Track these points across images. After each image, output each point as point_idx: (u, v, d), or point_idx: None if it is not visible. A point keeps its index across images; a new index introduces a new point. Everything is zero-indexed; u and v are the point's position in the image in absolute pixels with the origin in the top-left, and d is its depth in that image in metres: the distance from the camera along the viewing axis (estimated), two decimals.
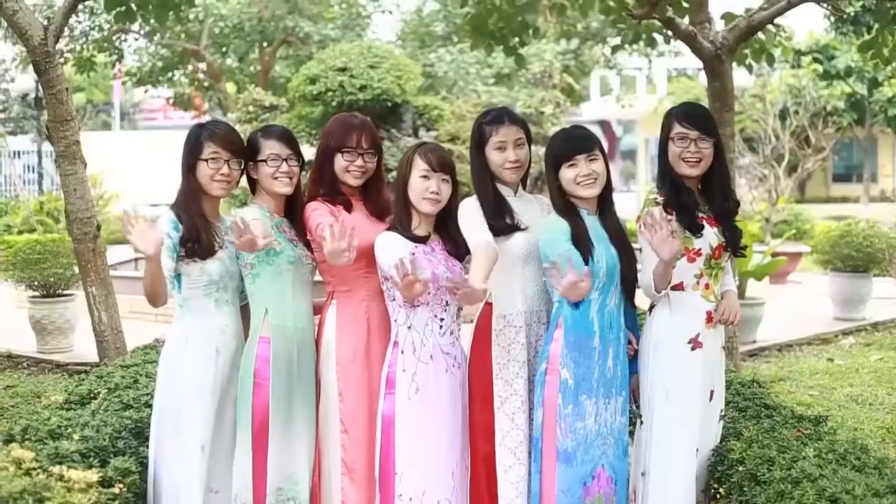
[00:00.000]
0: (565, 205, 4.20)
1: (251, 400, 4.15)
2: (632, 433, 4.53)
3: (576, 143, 4.20)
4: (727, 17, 7.97)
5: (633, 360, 4.39)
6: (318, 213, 4.24)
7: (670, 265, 4.05)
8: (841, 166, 37.79)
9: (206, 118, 25.49)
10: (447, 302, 4.14)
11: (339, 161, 4.34)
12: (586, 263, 4.03)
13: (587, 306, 4.07)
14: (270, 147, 4.28)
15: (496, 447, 4.26)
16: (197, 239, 4.14)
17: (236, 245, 3.97)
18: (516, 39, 8.68)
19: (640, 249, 4.25)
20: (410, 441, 4.07)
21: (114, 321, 7.46)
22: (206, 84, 28.14)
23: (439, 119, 16.74)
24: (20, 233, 18.08)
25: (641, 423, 4.40)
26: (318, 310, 4.43)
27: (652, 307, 4.38)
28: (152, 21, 8.22)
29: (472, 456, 4.31)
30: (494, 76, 26.27)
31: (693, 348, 4.26)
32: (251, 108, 17.36)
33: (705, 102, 7.75)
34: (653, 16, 7.72)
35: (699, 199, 4.36)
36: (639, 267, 4.29)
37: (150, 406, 4.57)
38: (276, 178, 4.27)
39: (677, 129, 4.29)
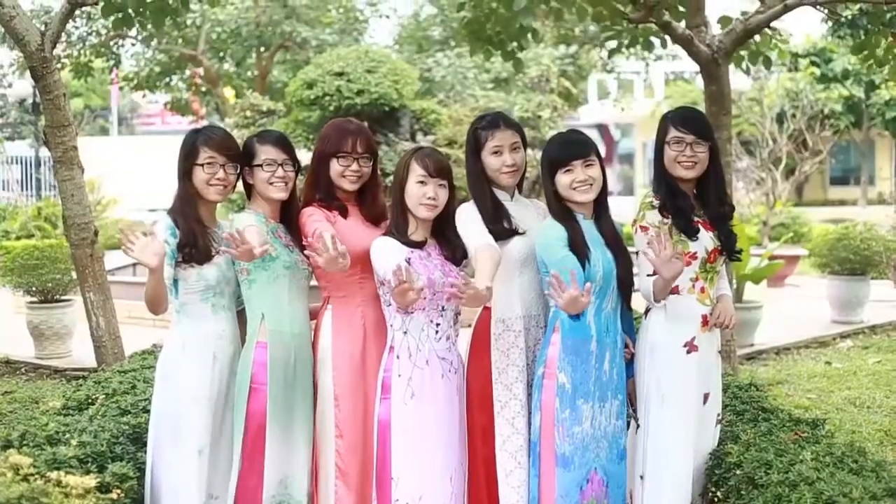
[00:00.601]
0: (561, 209, 4.21)
1: (247, 404, 4.16)
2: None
3: (572, 148, 4.21)
4: (723, 20, 7.98)
5: (630, 363, 4.40)
6: (314, 219, 4.24)
7: (671, 282, 4.07)
8: (838, 169, 37.86)
9: (203, 123, 25.49)
10: (443, 307, 4.15)
11: (335, 166, 4.35)
12: (583, 268, 4.04)
13: (584, 310, 4.06)
14: (266, 152, 4.29)
15: (497, 451, 4.26)
16: (194, 244, 4.15)
17: (234, 256, 3.98)
18: (514, 44, 8.69)
19: (637, 253, 4.26)
20: (406, 446, 4.07)
21: (112, 326, 7.46)
22: (203, 89, 28.15)
23: (437, 123, 16.73)
24: (18, 238, 18.08)
25: (638, 426, 4.40)
26: (314, 315, 4.44)
27: (648, 311, 4.39)
28: (149, 26, 8.22)
29: (472, 460, 4.31)
30: (492, 80, 26.27)
31: (689, 352, 4.27)
32: (248, 113, 17.34)
33: (702, 106, 7.76)
34: (650, 20, 7.73)
35: (695, 202, 4.37)
36: (636, 271, 4.30)
37: (147, 411, 4.58)
38: (271, 184, 4.27)
39: (673, 133, 4.30)
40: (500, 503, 4.26)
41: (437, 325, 4.15)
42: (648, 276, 4.15)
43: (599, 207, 4.29)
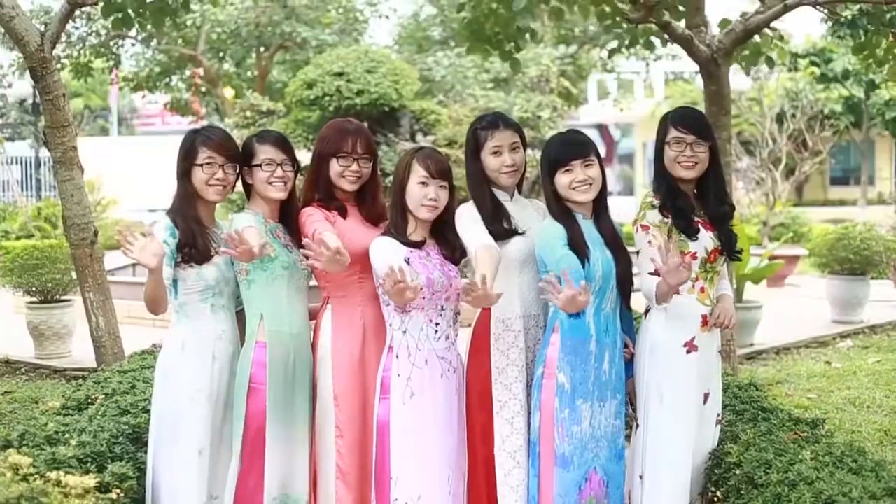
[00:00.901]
0: (561, 209, 4.21)
1: (246, 405, 4.15)
2: (629, 436, 4.53)
3: (571, 148, 4.21)
4: (723, 22, 7.98)
5: (630, 363, 4.40)
6: (313, 219, 4.24)
7: (675, 288, 4.07)
8: (838, 169, 37.82)
9: (203, 123, 25.49)
10: (442, 307, 4.15)
11: (335, 166, 4.35)
12: (582, 267, 4.04)
13: (583, 310, 4.06)
14: (265, 152, 4.28)
15: (495, 451, 4.26)
16: (193, 244, 4.15)
17: (233, 257, 3.98)
18: (511, 44, 8.69)
19: (637, 253, 4.26)
20: (405, 446, 4.06)
21: (111, 326, 7.46)
22: (203, 89, 28.15)
23: (437, 123, 16.71)
24: (18, 238, 18.08)
25: (638, 426, 4.40)
26: (313, 315, 4.44)
27: (648, 311, 4.39)
28: (149, 27, 8.22)
29: (471, 460, 4.31)
30: (492, 80, 26.25)
31: (688, 352, 4.26)
32: (248, 114, 17.33)
33: (702, 106, 7.76)
34: (649, 20, 7.73)
35: (695, 202, 4.37)
36: (636, 270, 4.30)
37: (147, 411, 4.58)
38: (270, 183, 4.27)
39: (673, 133, 4.30)
40: (499, 503, 4.26)
41: (437, 324, 4.15)
42: (650, 274, 4.15)
43: (599, 207, 4.29)
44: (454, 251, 4.24)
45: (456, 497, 4.17)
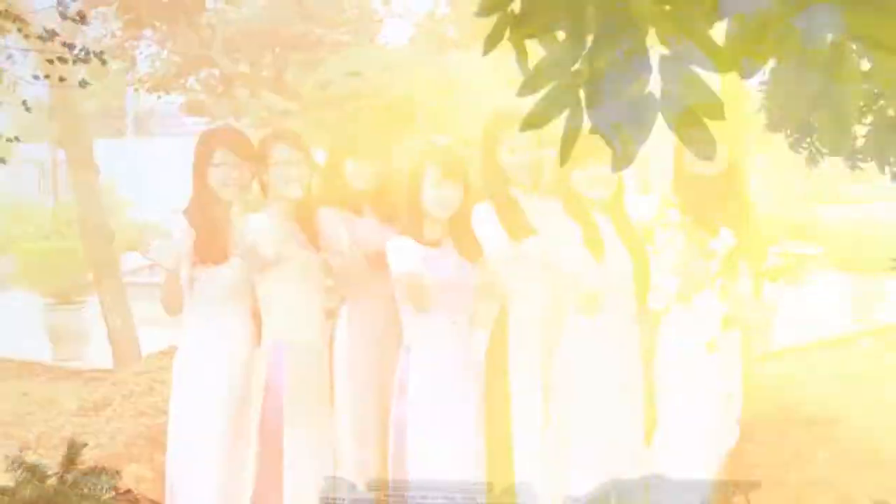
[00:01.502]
0: (577, 207, 4.19)
1: (262, 407, 4.15)
2: (647, 435, 4.51)
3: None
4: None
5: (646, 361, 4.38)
6: (329, 220, 4.23)
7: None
8: (856, 167, 37.69)
9: (219, 124, 25.54)
10: (459, 306, 4.13)
11: (349, 166, 4.34)
12: (598, 266, 4.03)
13: (599, 309, 4.06)
14: (281, 151, 4.28)
15: (514, 449, 4.25)
16: (209, 245, 4.15)
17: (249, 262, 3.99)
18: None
19: (656, 251, 4.24)
20: (423, 445, 4.06)
21: (128, 327, 7.49)
22: (218, 90, 28.22)
23: (452, 122, 16.71)
24: (35, 240, 18.14)
25: (655, 424, 4.38)
26: (329, 314, 4.43)
27: (667, 309, 4.37)
28: (164, 28, 8.25)
29: (490, 459, 4.30)
30: (508, 80, 26.27)
31: (708, 351, 4.24)
32: (263, 114, 17.37)
33: None
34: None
35: (714, 199, 4.34)
36: (653, 269, 4.28)
37: (165, 412, 4.59)
38: (286, 183, 4.26)
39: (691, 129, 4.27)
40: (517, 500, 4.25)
41: (454, 323, 4.14)
42: (667, 277, 4.13)
43: (615, 205, 4.28)
44: (471, 250, 4.22)
45: (474, 494, 4.16)
